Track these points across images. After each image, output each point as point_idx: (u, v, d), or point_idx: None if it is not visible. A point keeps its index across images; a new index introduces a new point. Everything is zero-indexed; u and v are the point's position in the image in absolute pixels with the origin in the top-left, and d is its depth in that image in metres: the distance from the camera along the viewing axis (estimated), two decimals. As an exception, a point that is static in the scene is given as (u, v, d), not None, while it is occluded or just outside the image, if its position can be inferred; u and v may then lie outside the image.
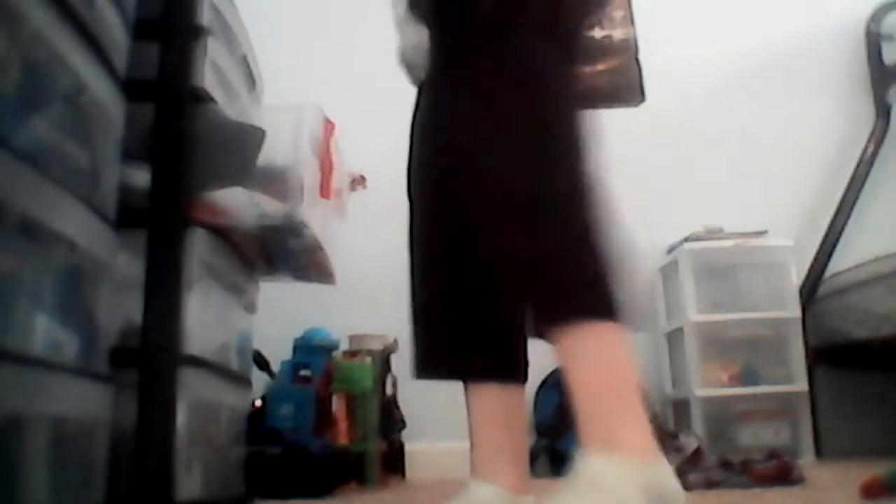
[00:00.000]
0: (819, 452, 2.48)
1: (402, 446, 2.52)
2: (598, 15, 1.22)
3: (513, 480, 1.07)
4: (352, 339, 2.43)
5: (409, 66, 1.20)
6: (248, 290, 1.50)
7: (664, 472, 0.86)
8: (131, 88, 1.00)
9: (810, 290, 2.64)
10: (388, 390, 2.42)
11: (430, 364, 1.16)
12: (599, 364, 0.89)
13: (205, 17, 1.22)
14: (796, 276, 2.61)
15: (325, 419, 2.19)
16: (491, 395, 1.12)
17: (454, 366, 1.14)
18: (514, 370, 1.15)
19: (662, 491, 0.84)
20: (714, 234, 2.65)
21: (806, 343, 2.53)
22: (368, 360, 2.29)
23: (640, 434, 0.86)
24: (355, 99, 2.73)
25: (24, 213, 0.71)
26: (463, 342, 1.13)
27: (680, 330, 2.60)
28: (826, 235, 2.75)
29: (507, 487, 1.06)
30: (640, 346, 2.75)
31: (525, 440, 1.14)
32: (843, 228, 2.76)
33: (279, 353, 2.26)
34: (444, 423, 2.63)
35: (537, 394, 2.56)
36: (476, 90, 0.99)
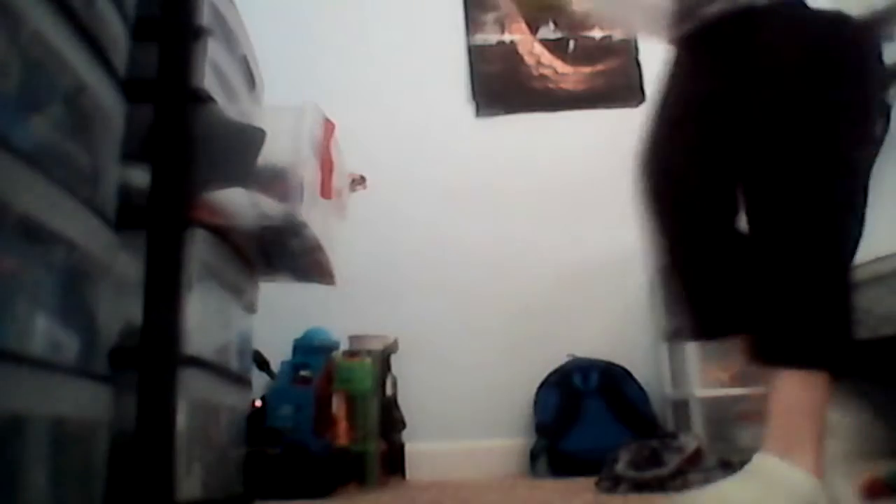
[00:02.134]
0: (819, 452, 2.48)
1: (402, 446, 2.52)
2: None
3: None
4: (352, 339, 2.43)
5: None
6: (248, 290, 1.50)
7: (820, 492, 0.98)
8: (131, 88, 1.00)
9: (810, 290, 2.63)
10: (388, 390, 2.42)
11: None
12: (804, 403, 1.02)
13: (205, 17, 1.22)
14: (796, 276, 2.60)
15: (325, 419, 2.19)
16: None
17: None
18: None
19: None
20: (714, 234, 2.64)
21: (806, 343, 2.53)
22: (368, 360, 2.29)
23: (815, 456, 0.98)
24: (355, 99, 2.73)
25: (24, 213, 0.71)
26: None
27: (680, 330, 2.59)
28: (826, 235, 2.74)
29: None
30: (641, 345, 2.75)
31: None
32: (843, 228, 2.76)
33: (279, 353, 2.27)
34: (444, 423, 2.64)
35: (537, 394, 2.56)
36: None
